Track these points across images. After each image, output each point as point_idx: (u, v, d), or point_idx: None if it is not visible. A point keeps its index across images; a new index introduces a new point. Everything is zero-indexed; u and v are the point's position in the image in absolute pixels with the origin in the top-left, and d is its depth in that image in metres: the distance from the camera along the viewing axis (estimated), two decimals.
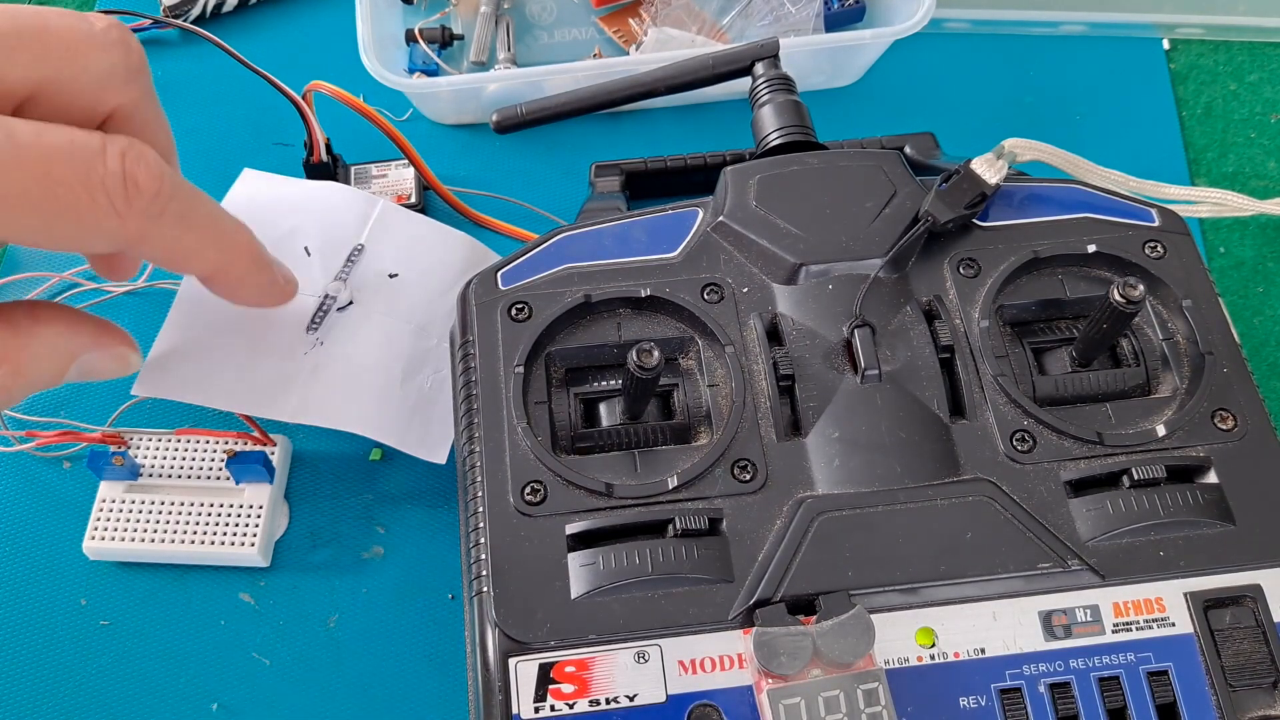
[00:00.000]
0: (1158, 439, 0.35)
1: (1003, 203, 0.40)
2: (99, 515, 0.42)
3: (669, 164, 0.49)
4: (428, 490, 0.45)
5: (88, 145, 0.29)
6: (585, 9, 0.57)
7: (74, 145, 0.28)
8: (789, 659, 0.31)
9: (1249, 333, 0.49)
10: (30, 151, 0.27)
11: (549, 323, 0.37)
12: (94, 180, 0.29)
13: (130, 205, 0.29)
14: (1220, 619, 0.33)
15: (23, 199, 0.27)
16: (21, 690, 0.41)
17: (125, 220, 0.30)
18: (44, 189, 0.28)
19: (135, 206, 0.29)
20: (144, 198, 0.30)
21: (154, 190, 0.30)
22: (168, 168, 0.31)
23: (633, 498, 0.34)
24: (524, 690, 0.32)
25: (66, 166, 0.28)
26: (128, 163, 0.29)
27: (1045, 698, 0.32)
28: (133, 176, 0.29)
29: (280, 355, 0.41)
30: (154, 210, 0.30)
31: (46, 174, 0.28)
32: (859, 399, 0.36)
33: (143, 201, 0.30)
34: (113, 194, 0.29)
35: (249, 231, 0.36)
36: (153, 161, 0.30)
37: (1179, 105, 0.56)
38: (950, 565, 0.33)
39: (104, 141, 0.29)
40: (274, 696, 0.41)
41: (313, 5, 0.59)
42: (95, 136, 0.29)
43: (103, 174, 0.29)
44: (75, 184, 0.28)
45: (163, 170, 0.30)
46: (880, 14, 0.56)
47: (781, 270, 0.38)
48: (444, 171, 0.52)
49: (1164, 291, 0.39)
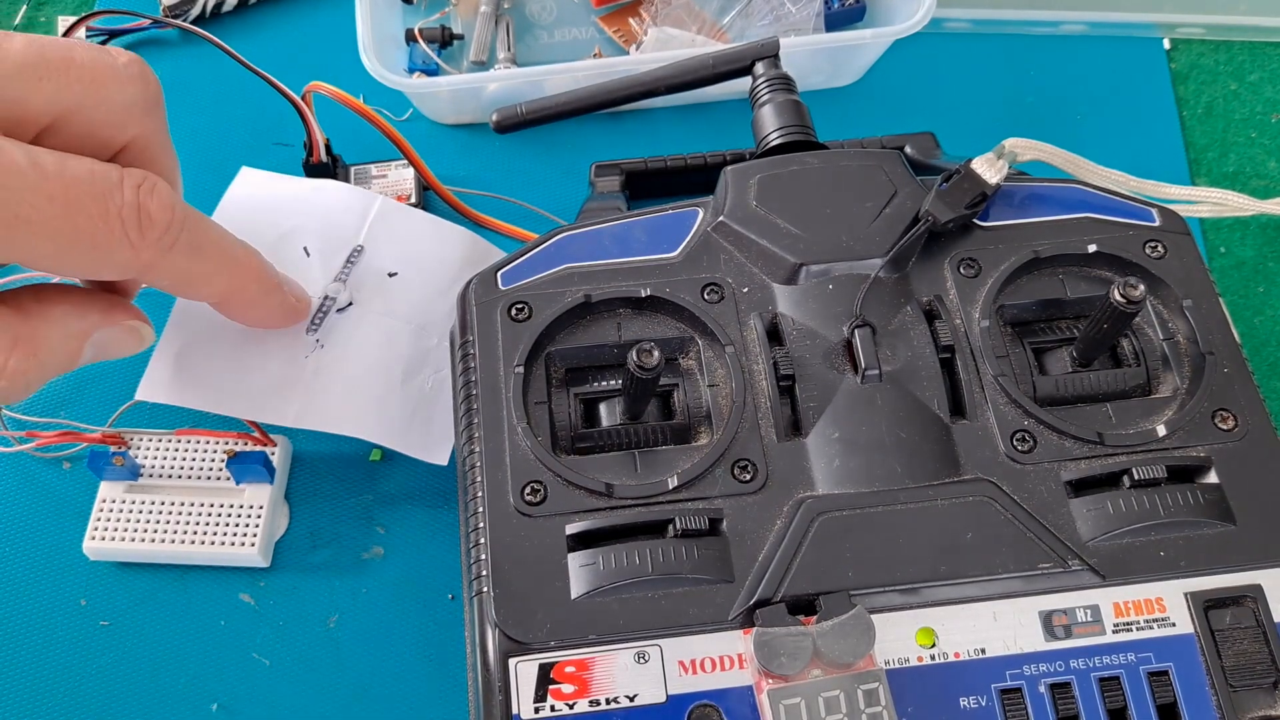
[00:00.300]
0: (1158, 439, 0.35)
1: (1003, 203, 0.40)
2: (99, 515, 0.42)
3: (669, 164, 0.49)
4: (428, 490, 0.45)
5: (107, 177, 0.30)
6: (585, 9, 0.57)
7: (94, 176, 0.29)
8: (789, 659, 0.31)
9: (1249, 333, 0.49)
10: (53, 180, 0.28)
11: (549, 323, 0.37)
12: (111, 211, 0.30)
13: (144, 236, 0.30)
14: (1220, 619, 0.33)
15: (42, 225, 0.28)
16: (21, 690, 0.41)
17: (138, 251, 0.31)
18: (64, 217, 0.29)
19: (148, 238, 0.31)
20: (156, 229, 0.31)
21: (166, 222, 0.31)
22: (179, 199, 0.32)
23: (633, 498, 0.34)
24: (524, 690, 0.32)
25: (86, 196, 0.29)
26: (142, 195, 0.30)
27: (1045, 698, 0.32)
28: (146, 209, 0.30)
29: (281, 359, 0.42)
30: (166, 242, 0.31)
31: (67, 202, 0.29)
32: (859, 399, 0.36)
33: (155, 233, 0.31)
34: (128, 225, 0.30)
35: (258, 256, 0.37)
36: (165, 194, 0.31)
37: (1179, 105, 0.56)
38: (950, 565, 0.33)
39: (121, 174, 0.30)
40: (274, 696, 0.41)
41: (313, 5, 0.59)
42: (114, 169, 0.30)
43: (120, 205, 0.30)
44: (94, 213, 0.29)
45: (174, 202, 0.31)
46: (880, 14, 0.56)
47: (782, 270, 0.38)
48: (444, 171, 0.52)
49: (1164, 291, 0.39)
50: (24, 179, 0.28)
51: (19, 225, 0.28)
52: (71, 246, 0.29)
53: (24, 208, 0.28)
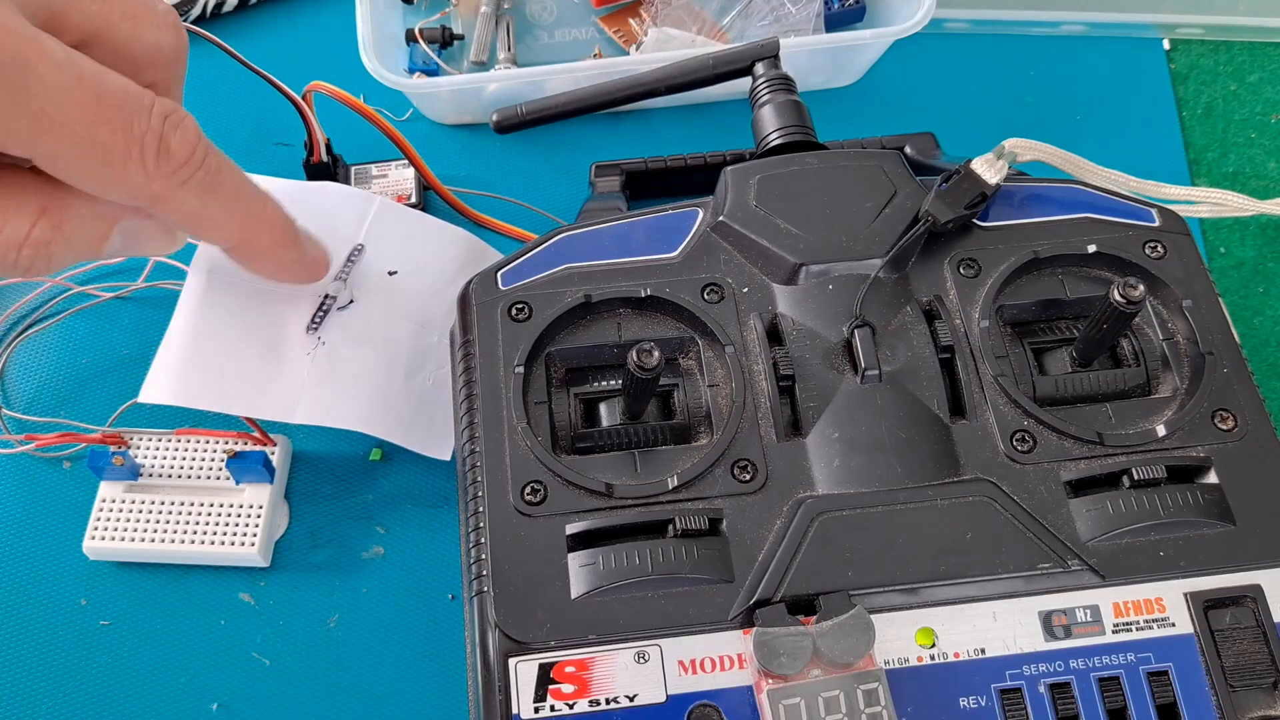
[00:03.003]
0: (1158, 439, 0.35)
1: (1003, 203, 0.40)
2: (99, 515, 0.42)
3: (669, 164, 0.49)
4: (428, 490, 0.45)
5: (140, 99, 0.30)
6: (585, 9, 0.57)
7: (127, 94, 0.30)
8: (789, 659, 0.31)
9: (1249, 333, 0.49)
10: (87, 85, 0.29)
11: (549, 323, 0.37)
12: (134, 133, 0.30)
13: (159, 166, 0.31)
14: (1220, 619, 0.33)
15: (66, 127, 0.28)
16: (21, 690, 0.41)
17: (150, 179, 0.31)
18: (87, 126, 0.29)
19: (163, 168, 0.31)
20: (173, 162, 0.31)
21: (184, 157, 0.31)
22: (205, 140, 0.32)
23: (633, 498, 0.34)
24: (524, 690, 0.32)
25: (115, 111, 0.29)
26: (167, 126, 0.30)
27: (1045, 698, 0.32)
28: (167, 140, 0.31)
29: (283, 358, 0.42)
30: (180, 177, 0.31)
31: (94, 112, 0.29)
32: (859, 399, 0.36)
33: (171, 165, 0.31)
34: (146, 151, 0.30)
35: (277, 209, 0.37)
36: (191, 130, 0.31)
37: (1179, 105, 0.56)
38: (950, 565, 0.33)
39: (153, 101, 0.30)
40: (274, 696, 0.41)
41: (313, 5, 0.59)
42: (147, 94, 0.30)
43: (143, 130, 0.30)
44: (117, 130, 0.29)
45: (198, 141, 0.32)
46: (880, 14, 0.56)
47: (781, 270, 0.38)
48: (444, 171, 0.52)
49: (1164, 292, 0.39)
50: (59, 76, 0.28)
51: (43, 120, 0.28)
52: (87, 157, 0.29)
53: (51, 104, 0.28)
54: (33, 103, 0.28)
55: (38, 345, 0.48)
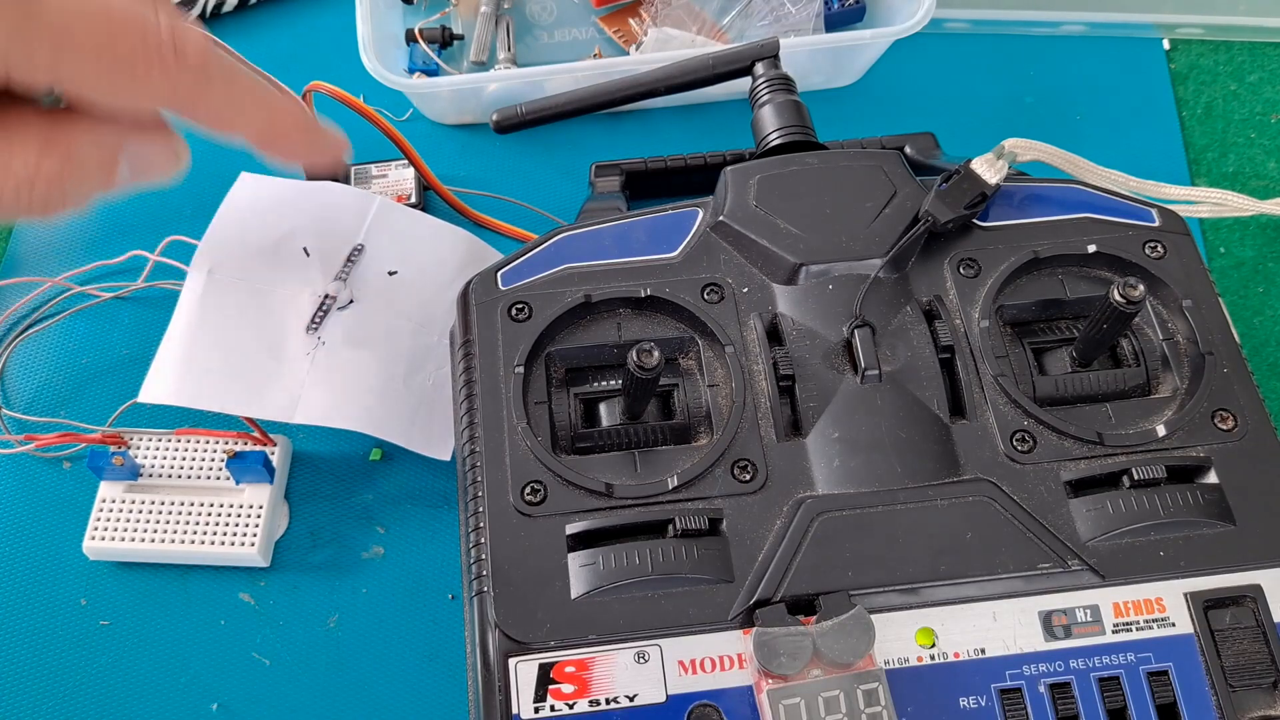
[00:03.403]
0: (1158, 439, 0.35)
1: (1003, 203, 0.40)
2: (99, 515, 0.42)
3: (669, 164, 0.49)
4: (428, 490, 0.45)
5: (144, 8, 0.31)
6: (585, 9, 0.57)
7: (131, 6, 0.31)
8: (789, 659, 0.31)
9: (1249, 333, 0.49)
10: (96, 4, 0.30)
11: (549, 323, 0.37)
12: (150, 42, 0.31)
13: (179, 63, 0.32)
14: (1220, 619, 0.33)
15: (86, 47, 0.30)
16: (21, 690, 0.41)
17: (176, 79, 0.32)
18: (107, 41, 0.30)
19: (184, 64, 0.32)
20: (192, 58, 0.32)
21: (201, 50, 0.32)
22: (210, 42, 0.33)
23: (633, 498, 0.34)
24: (524, 690, 0.32)
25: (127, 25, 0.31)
26: (177, 28, 0.32)
27: (1045, 698, 0.32)
28: (181, 39, 0.32)
29: (283, 358, 0.42)
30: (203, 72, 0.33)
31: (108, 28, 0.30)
32: (859, 399, 0.36)
33: (190, 60, 0.32)
34: (164, 52, 0.31)
35: (292, 94, 0.38)
36: (196, 30, 0.33)
37: (1179, 105, 0.56)
38: (950, 565, 0.33)
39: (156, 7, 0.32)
40: (274, 696, 0.41)
41: (313, 5, 0.59)
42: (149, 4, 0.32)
43: (157, 38, 0.31)
44: (135, 41, 0.31)
45: (205, 39, 0.33)
46: (880, 14, 0.56)
47: (781, 270, 0.38)
48: (444, 171, 0.52)
49: (1164, 292, 0.39)
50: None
51: (64, 44, 0.29)
52: (113, 72, 0.31)
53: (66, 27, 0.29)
54: (50, 28, 0.29)
55: (38, 345, 0.48)
